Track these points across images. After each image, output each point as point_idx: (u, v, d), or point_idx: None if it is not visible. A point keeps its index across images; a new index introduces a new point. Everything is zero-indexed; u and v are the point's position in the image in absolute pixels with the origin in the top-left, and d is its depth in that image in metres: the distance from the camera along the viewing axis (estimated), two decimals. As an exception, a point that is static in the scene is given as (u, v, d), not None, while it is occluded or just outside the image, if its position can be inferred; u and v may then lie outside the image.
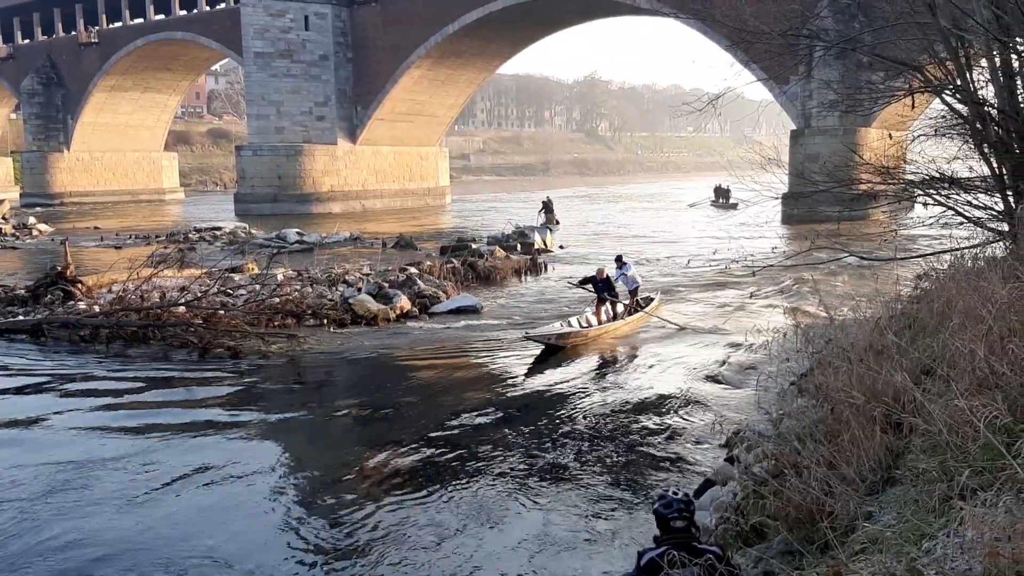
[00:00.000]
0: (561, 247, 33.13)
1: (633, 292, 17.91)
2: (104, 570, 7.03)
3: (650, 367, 14.40)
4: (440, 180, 65.11)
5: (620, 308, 17.49)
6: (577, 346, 15.56)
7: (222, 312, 16.78)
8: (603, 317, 17.12)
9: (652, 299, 18.86)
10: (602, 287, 17.20)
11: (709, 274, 24.76)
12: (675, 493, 4.26)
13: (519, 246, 30.58)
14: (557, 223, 43.37)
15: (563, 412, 11.59)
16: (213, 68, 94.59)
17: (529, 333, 15.39)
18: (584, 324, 16.76)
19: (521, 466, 9.36)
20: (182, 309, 16.71)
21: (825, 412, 6.23)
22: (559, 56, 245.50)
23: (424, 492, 8.63)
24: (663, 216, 51.32)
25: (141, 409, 11.98)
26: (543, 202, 45.09)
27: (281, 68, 54.27)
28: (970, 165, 10.40)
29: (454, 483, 8.87)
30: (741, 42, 26.86)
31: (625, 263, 18.30)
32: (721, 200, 53.84)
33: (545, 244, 32.17)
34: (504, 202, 67.86)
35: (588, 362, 14.88)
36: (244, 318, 16.61)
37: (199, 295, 17.36)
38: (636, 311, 17.63)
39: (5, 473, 9.16)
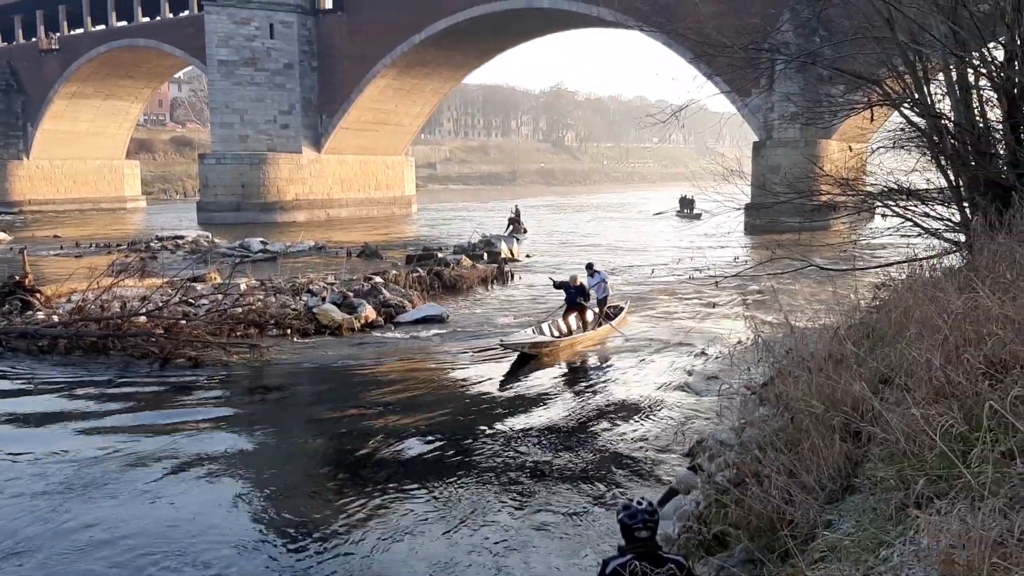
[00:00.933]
0: (528, 256, 33.18)
1: (603, 301, 17.99)
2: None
3: (617, 376, 14.46)
4: (406, 189, 65.00)
5: (590, 316, 17.56)
6: (548, 355, 15.60)
7: (184, 322, 16.59)
8: (573, 325, 17.18)
9: (622, 308, 18.95)
10: (575, 294, 17.27)
11: (673, 284, 24.92)
12: (639, 503, 4.27)
13: (486, 255, 30.59)
14: (524, 231, 43.46)
15: (530, 421, 11.58)
16: (176, 76, 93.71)
17: (504, 341, 15.44)
18: (555, 333, 16.80)
19: (487, 475, 9.34)
20: (143, 319, 16.50)
21: (786, 421, 6.28)
22: (525, 66, 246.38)
23: (387, 499, 8.59)
24: (629, 226, 51.62)
25: (99, 420, 11.77)
26: (510, 218, 45.11)
27: (245, 76, 53.90)
28: (927, 177, 10.55)
29: (419, 491, 8.82)
30: (704, 55, 27.17)
31: (597, 271, 18.41)
32: (686, 210, 54.23)
33: (512, 253, 32.20)
34: (471, 211, 67.91)
35: (557, 371, 14.92)
36: (206, 328, 16.43)
37: (160, 305, 17.14)
38: (605, 321, 17.69)
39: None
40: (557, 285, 18.00)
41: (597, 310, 17.77)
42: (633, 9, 37.45)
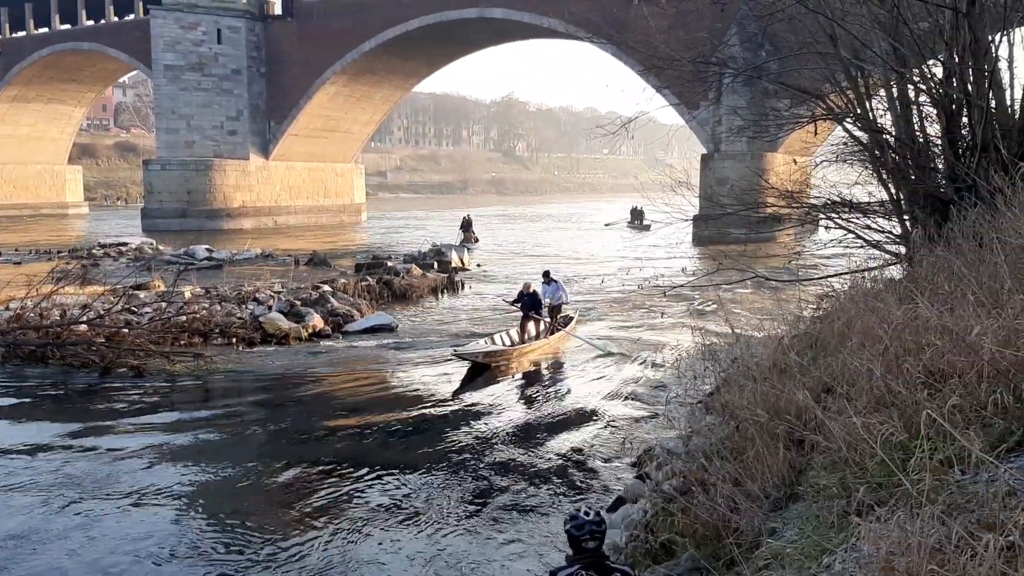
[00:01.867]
0: (479, 265, 33.16)
1: (556, 309, 18.01)
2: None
3: (567, 386, 14.51)
4: (356, 197, 64.57)
5: (543, 326, 17.59)
6: (500, 365, 15.57)
7: (126, 330, 16.27)
8: (527, 335, 17.17)
9: (571, 318, 19.02)
10: (529, 303, 17.24)
11: (623, 294, 25.10)
12: (586, 513, 4.27)
13: (436, 264, 30.50)
14: (476, 241, 43.49)
15: (480, 430, 11.55)
16: (121, 80, 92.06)
17: (457, 351, 15.37)
18: (508, 342, 16.78)
19: (435, 485, 9.28)
20: (84, 327, 16.13)
21: (731, 429, 6.34)
22: (477, 76, 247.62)
23: (336, 509, 8.49)
24: (580, 237, 51.89)
25: (36, 431, 11.46)
26: (464, 219, 45.34)
27: (192, 81, 53.16)
28: (869, 190, 10.76)
29: (366, 502, 8.73)
30: (653, 67, 27.46)
31: (554, 280, 18.45)
32: (636, 221, 54.76)
33: (463, 262, 32.15)
34: (421, 220, 67.70)
35: (508, 380, 14.90)
36: (149, 336, 16.14)
37: (102, 313, 16.78)
38: (557, 330, 17.71)
39: None
40: (515, 300, 17.78)
41: (549, 319, 17.81)
42: (584, 21, 37.85)
